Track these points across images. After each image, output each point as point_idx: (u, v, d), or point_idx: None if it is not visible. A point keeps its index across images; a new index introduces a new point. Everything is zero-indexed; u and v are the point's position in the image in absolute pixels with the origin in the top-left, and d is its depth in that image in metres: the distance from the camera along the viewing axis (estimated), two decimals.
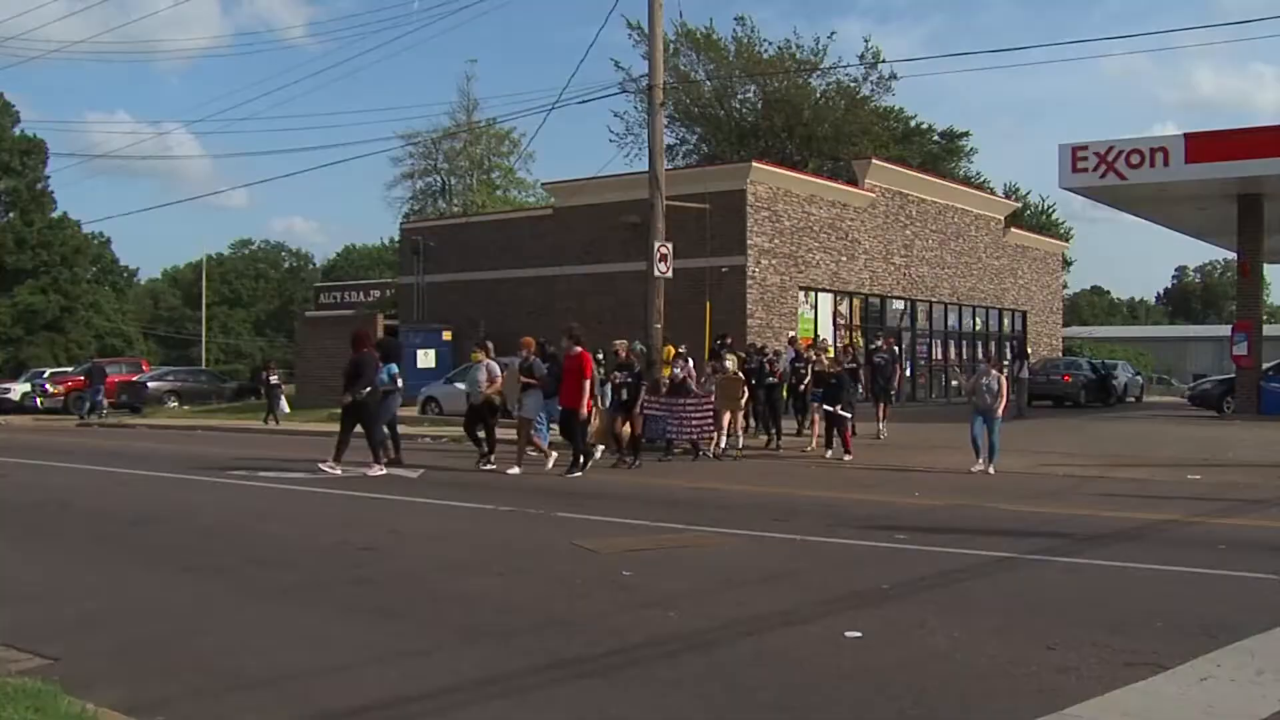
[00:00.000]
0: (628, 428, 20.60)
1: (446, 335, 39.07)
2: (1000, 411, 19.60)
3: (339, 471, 18.21)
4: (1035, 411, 34.11)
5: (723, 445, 22.23)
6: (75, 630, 8.15)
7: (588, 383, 18.81)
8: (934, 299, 43.13)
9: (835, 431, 21.61)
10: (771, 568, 10.60)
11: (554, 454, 19.91)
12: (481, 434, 20.45)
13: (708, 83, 51.30)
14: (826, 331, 36.22)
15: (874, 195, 39.49)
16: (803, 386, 24.06)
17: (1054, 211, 70.75)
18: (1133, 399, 45.00)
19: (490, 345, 20.80)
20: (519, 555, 11.31)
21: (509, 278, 39.71)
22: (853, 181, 40.02)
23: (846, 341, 34.73)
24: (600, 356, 23.44)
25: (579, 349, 19.01)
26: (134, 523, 13.79)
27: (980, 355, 33.46)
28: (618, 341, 22.15)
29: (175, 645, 7.86)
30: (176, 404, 44.57)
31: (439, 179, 67.89)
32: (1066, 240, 63.86)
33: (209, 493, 16.75)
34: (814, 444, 22.75)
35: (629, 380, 20.68)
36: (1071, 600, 9.20)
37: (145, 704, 6.22)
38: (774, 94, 50.98)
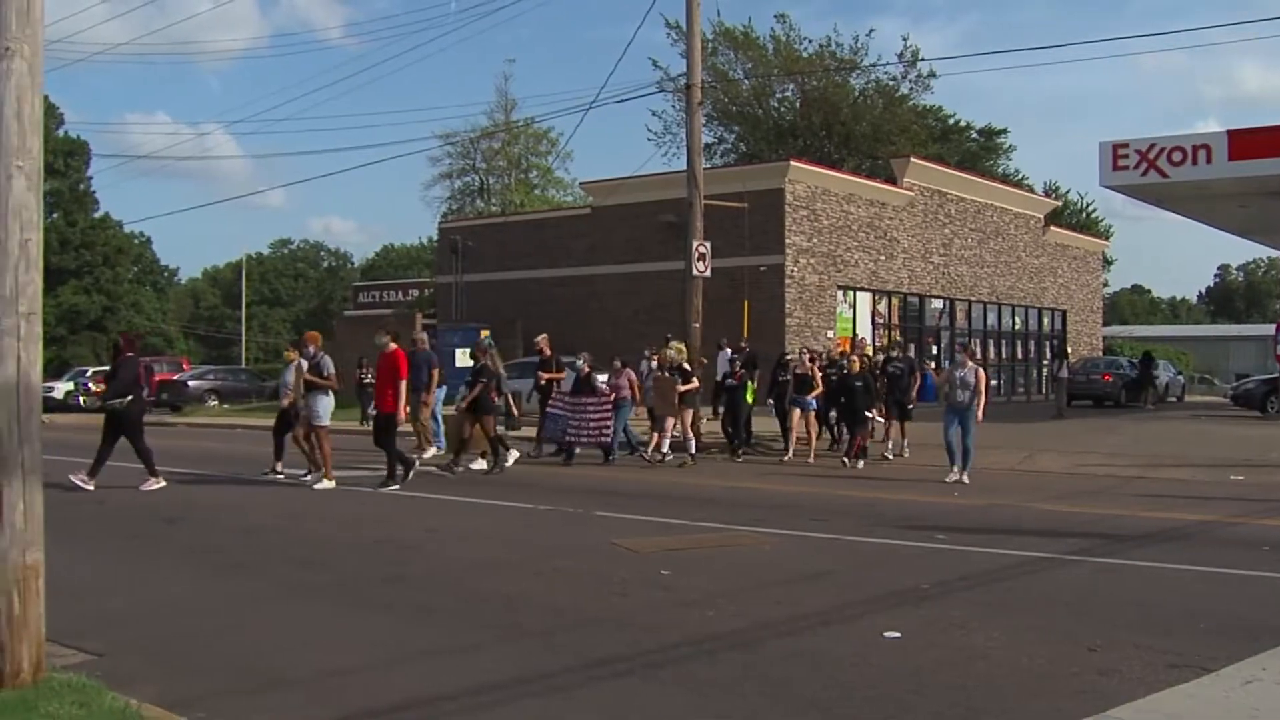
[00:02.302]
0: (477, 429, 19.05)
1: (484, 334, 39.10)
2: (980, 411, 18.07)
3: (90, 486, 16.30)
4: (1074, 411, 33.90)
5: (664, 449, 21.13)
6: (115, 627, 8.20)
7: (403, 384, 17.13)
8: (973, 298, 42.93)
9: (856, 437, 20.67)
10: (810, 567, 10.57)
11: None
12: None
13: (746, 81, 51.25)
14: (865, 331, 36.12)
15: (912, 194, 39.34)
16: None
17: (1094, 210, 70.41)
18: (1174, 399, 44.61)
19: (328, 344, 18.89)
20: (557, 554, 11.31)
21: (547, 277, 39.79)
22: (891, 180, 39.91)
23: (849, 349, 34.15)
24: (644, 364, 23.45)
25: (393, 347, 17.25)
26: (172, 521, 13.85)
27: (957, 346, 32.41)
28: (420, 336, 21.33)
29: (213, 642, 7.90)
30: (216, 402, 44.83)
31: (477, 178, 67.93)
32: (1106, 239, 63.42)
33: (247, 492, 16.81)
34: (790, 453, 21.63)
35: (468, 380, 19.50)
36: (1112, 601, 9.13)
37: (184, 700, 6.26)
38: (812, 93, 50.89)
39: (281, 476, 18.11)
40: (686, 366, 21.50)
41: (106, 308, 69.94)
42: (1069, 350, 42.34)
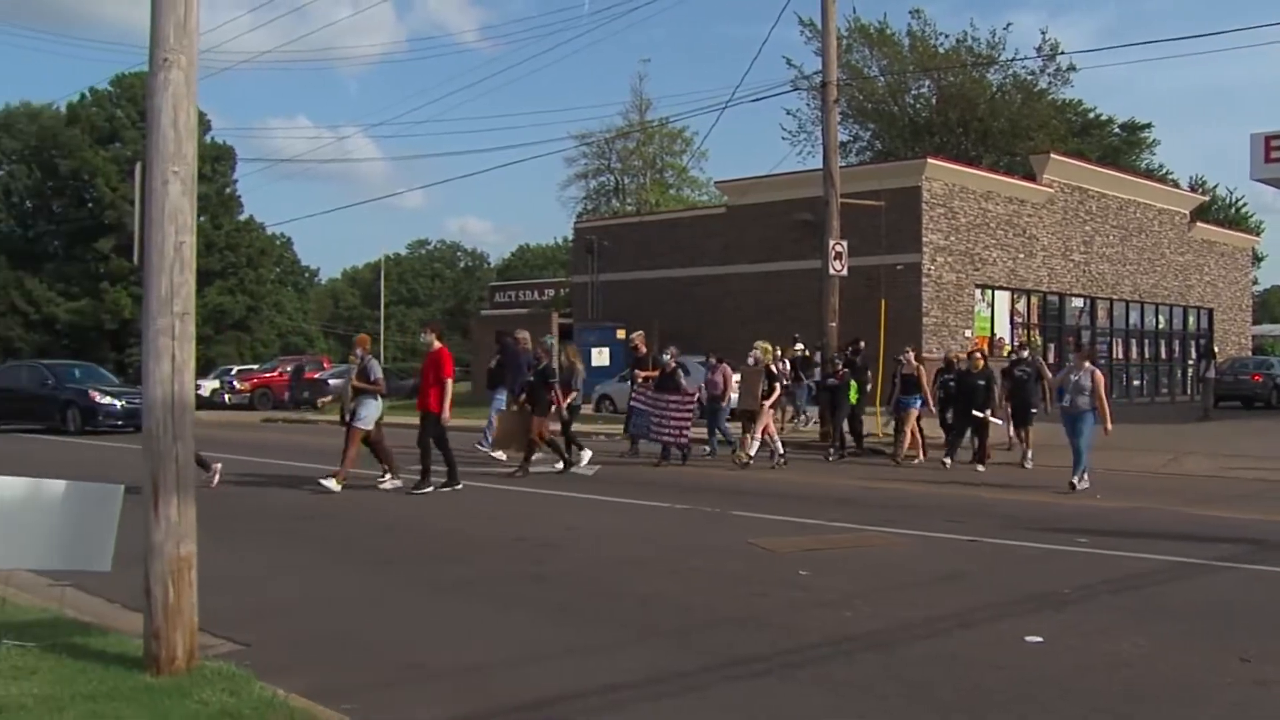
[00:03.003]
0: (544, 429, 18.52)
1: (620, 334, 39.36)
2: (1107, 422, 16.63)
3: (215, 476, 16.47)
4: (1221, 412, 33.05)
5: (751, 451, 20.04)
6: (262, 618, 8.44)
7: (449, 382, 16.34)
8: (1114, 296, 42.07)
9: (971, 438, 19.94)
10: (948, 569, 10.46)
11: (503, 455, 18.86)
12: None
13: (881, 79, 50.82)
14: (1004, 330, 35.63)
15: (1052, 190, 38.68)
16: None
17: (1243, 204, 68.49)
18: None
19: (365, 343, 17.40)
20: (695, 553, 11.34)
21: (682, 276, 39.85)
22: (1030, 176, 39.28)
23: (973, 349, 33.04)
24: (779, 356, 23.28)
25: (439, 345, 16.62)
26: (315, 517, 14.15)
27: (1073, 346, 30.81)
28: (522, 335, 20.63)
29: (356, 635, 8.08)
30: None
31: (612, 178, 68.36)
32: (1257, 234, 61.67)
33: (385, 488, 17.04)
34: (903, 453, 20.86)
35: (529, 379, 18.81)
36: (1265, 610, 8.90)
37: (329, 691, 6.41)
38: (949, 89, 50.31)
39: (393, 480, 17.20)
40: (773, 368, 20.78)
41: (250, 307, 71.75)
42: (1215, 350, 41.25)
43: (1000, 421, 20.99)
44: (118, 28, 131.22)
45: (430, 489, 16.10)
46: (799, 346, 26.42)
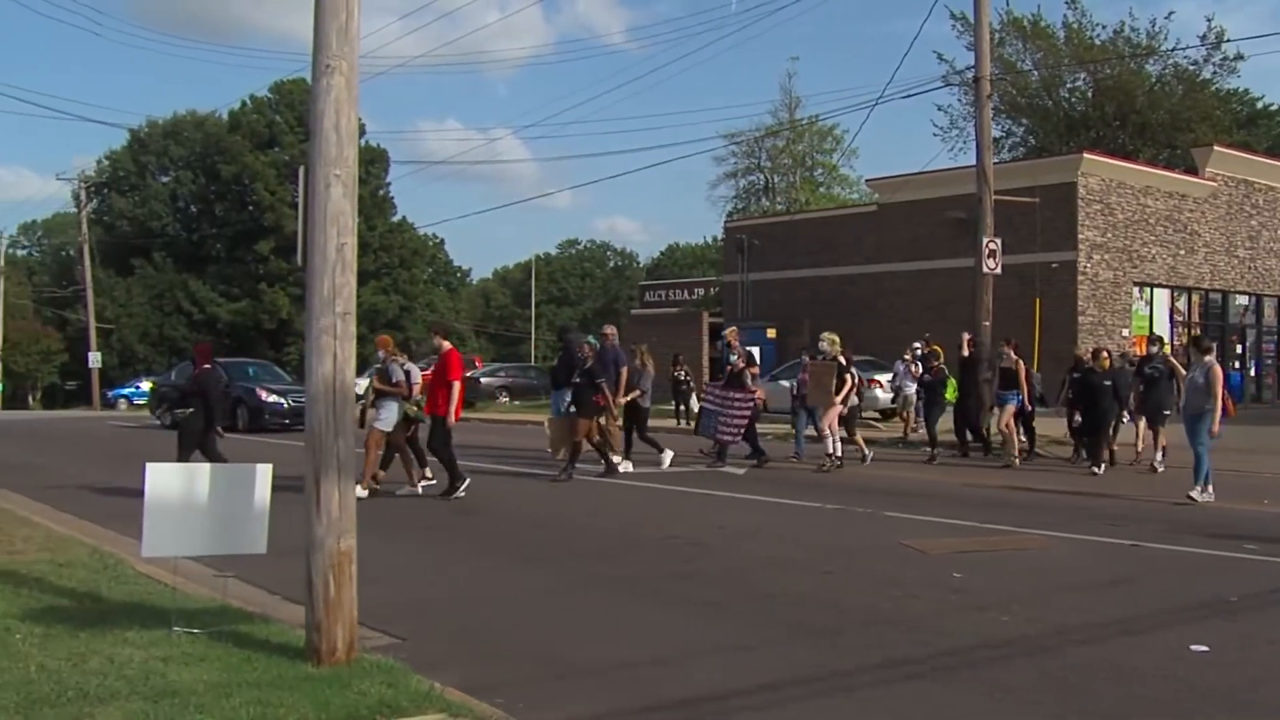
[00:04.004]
0: (610, 427, 18.41)
1: (770, 333, 39.27)
2: (1215, 421, 15.18)
3: None
4: None
5: (831, 450, 19.48)
6: (418, 613, 8.62)
7: (456, 385, 15.75)
8: None
9: (1092, 440, 19.35)
10: (1108, 573, 10.24)
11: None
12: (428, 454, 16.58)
13: (1035, 73, 49.83)
14: (1163, 329, 34.72)
15: (1215, 184, 37.58)
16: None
17: None
18: None
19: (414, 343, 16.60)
20: (846, 554, 11.28)
21: (833, 275, 39.58)
22: (1192, 170, 38.21)
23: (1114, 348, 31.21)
24: (917, 352, 23.10)
25: (448, 346, 15.98)
26: (469, 513, 14.37)
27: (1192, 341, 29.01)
28: (609, 330, 19.77)
29: (507, 631, 8.20)
30: (507, 399, 46.21)
31: (762, 177, 68.15)
32: None
33: (536, 485, 17.25)
34: (1017, 453, 20.25)
35: (575, 381, 17.83)
36: None
37: (483, 686, 6.49)
38: (1105, 81, 49.05)
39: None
40: (842, 360, 19.97)
41: (404, 307, 73.37)
42: None
43: (1127, 420, 20.35)
44: (275, 36, 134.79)
45: (467, 484, 15.65)
46: (916, 345, 25.99)
